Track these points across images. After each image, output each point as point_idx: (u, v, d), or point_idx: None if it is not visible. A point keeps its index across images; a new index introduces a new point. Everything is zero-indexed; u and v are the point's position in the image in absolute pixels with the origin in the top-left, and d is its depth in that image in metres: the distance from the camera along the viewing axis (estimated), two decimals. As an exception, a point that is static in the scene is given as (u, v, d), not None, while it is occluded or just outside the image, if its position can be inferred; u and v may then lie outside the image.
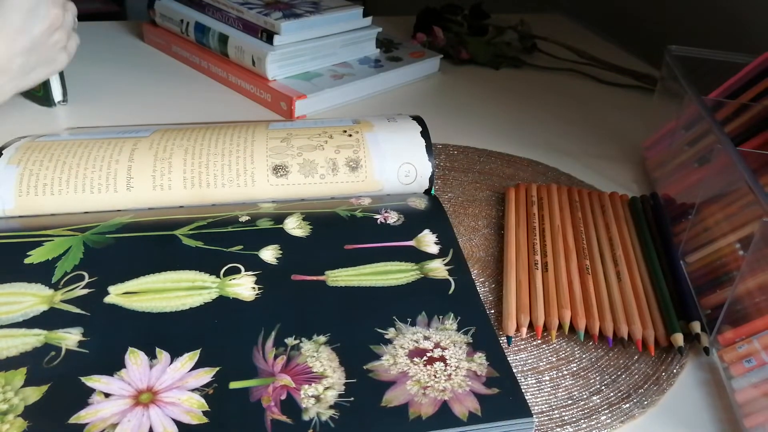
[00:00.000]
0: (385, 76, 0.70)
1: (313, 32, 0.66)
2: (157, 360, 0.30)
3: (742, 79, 0.52)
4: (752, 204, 0.36)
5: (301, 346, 0.32)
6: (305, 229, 0.39)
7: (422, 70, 0.75)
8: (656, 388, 0.35)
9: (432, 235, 0.40)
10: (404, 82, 0.73)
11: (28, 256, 0.36)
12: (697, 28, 0.85)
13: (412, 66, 0.73)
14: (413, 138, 0.44)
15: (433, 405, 0.29)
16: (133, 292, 0.34)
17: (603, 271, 0.42)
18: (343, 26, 0.69)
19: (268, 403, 0.29)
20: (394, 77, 0.72)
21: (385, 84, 0.71)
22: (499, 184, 0.54)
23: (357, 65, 0.71)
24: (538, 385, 0.35)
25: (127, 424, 0.27)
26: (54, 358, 0.30)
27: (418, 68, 0.75)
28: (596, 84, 0.78)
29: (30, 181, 0.40)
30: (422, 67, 0.75)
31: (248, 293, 0.35)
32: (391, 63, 0.72)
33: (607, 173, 0.58)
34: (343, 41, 0.70)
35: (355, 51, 0.72)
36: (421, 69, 0.75)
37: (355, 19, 0.70)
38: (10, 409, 0.28)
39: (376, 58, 0.73)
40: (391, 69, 0.71)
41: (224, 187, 0.42)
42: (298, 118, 0.62)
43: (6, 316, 0.32)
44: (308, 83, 0.65)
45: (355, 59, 0.72)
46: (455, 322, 0.34)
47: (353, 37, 0.71)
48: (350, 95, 0.67)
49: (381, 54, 0.75)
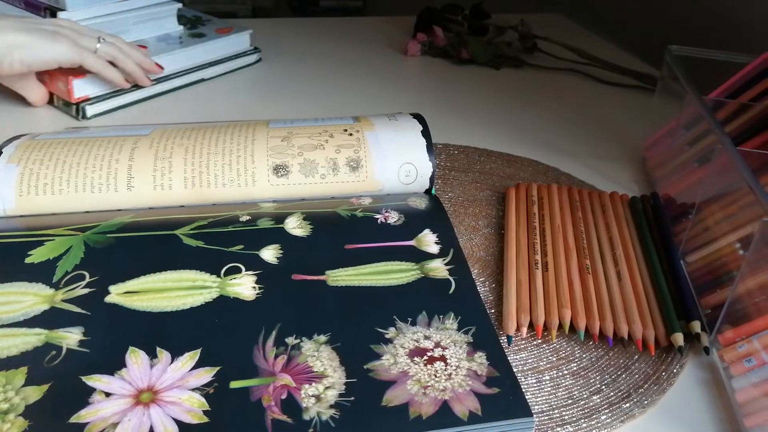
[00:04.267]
0: (184, 52, 0.67)
1: (102, 8, 0.63)
2: (157, 359, 0.30)
3: (743, 79, 0.52)
4: (752, 204, 0.36)
5: (302, 346, 0.32)
6: (306, 228, 0.39)
7: (230, 46, 0.73)
8: (656, 388, 0.35)
9: (432, 234, 0.40)
10: (210, 58, 0.70)
11: (29, 256, 0.36)
12: (697, 28, 0.85)
13: (215, 42, 0.70)
14: (414, 137, 0.44)
15: (433, 404, 0.29)
16: (134, 291, 0.34)
17: (603, 270, 0.42)
18: (139, 1, 0.66)
19: (269, 402, 0.29)
20: (195, 54, 0.68)
21: (187, 60, 0.68)
22: (499, 183, 0.54)
23: (154, 42, 0.68)
24: (539, 385, 0.35)
25: (127, 423, 0.27)
26: (55, 357, 0.30)
27: (225, 44, 0.72)
28: (596, 84, 0.78)
29: (30, 181, 0.40)
30: (229, 42, 0.72)
31: (249, 293, 0.35)
32: (193, 39, 0.69)
33: (607, 173, 0.58)
34: (137, 17, 0.67)
35: (153, 28, 0.69)
36: (228, 45, 0.72)
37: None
38: (11, 408, 0.28)
39: (178, 36, 0.70)
40: (191, 45, 0.68)
41: (225, 187, 0.42)
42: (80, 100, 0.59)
43: (7, 316, 0.32)
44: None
45: (153, 37, 0.69)
46: (455, 321, 0.34)
47: (150, 13, 0.68)
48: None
49: (184, 31, 0.72)
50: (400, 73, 0.77)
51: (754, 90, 0.51)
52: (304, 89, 0.71)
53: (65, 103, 0.60)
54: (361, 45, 0.83)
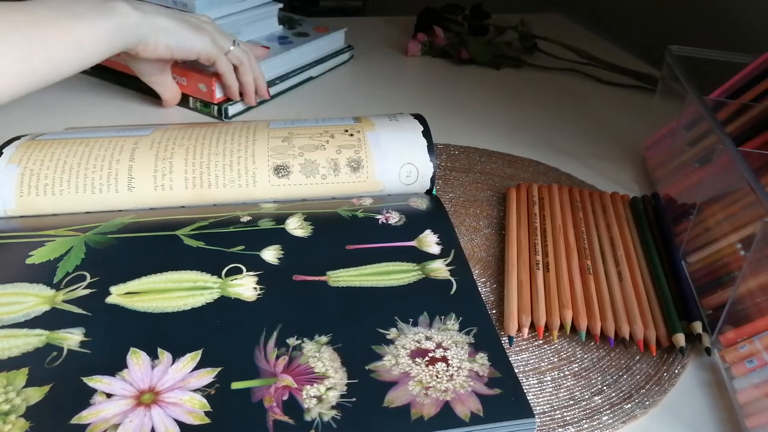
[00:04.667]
0: (297, 51, 0.69)
1: (226, 8, 0.64)
2: (158, 360, 0.30)
3: (743, 79, 0.52)
4: (753, 204, 0.36)
5: (303, 347, 0.32)
6: (307, 229, 0.39)
7: (330, 44, 0.75)
8: (658, 389, 0.35)
9: (433, 235, 0.40)
10: (315, 57, 0.72)
11: (30, 257, 0.36)
12: (697, 28, 0.85)
13: (319, 40, 0.72)
14: (415, 138, 0.44)
15: (435, 405, 0.29)
16: (135, 292, 0.34)
17: (604, 271, 0.42)
18: (253, 1, 0.68)
19: (270, 403, 0.29)
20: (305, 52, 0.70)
21: (299, 60, 0.70)
22: (500, 184, 0.54)
23: (266, 42, 0.69)
24: (540, 386, 0.35)
25: (128, 424, 0.27)
26: (56, 358, 0.30)
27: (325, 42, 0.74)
28: (597, 84, 0.78)
29: (31, 181, 0.40)
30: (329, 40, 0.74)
31: (250, 293, 0.35)
32: (300, 39, 0.71)
33: (607, 173, 0.58)
34: (248, 18, 0.68)
35: (260, 28, 0.70)
36: (328, 43, 0.74)
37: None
38: (12, 409, 0.28)
39: (281, 35, 0.71)
40: (301, 44, 0.70)
41: (226, 188, 0.42)
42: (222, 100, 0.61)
43: (8, 317, 0.32)
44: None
45: (262, 37, 0.70)
46: (457, 322, 0.34)
47: (258, 13, 0.69)
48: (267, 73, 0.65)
49: (286, 30, 0.73)
50: (401, 73, 0.77)
51: (754, 90, 0.51)
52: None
53: (204, 104, 0.61)
54: (361, 45, 0.83)
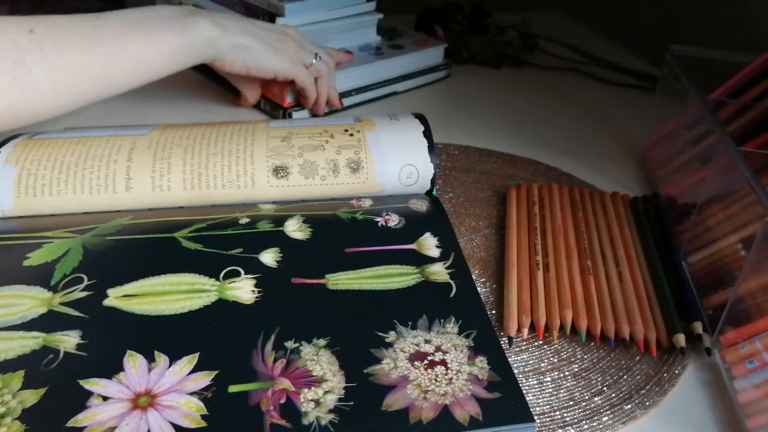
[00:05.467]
0: (385, 63, 0.67)
1: (316, 15, 0.64)
2: (155, 363, 0.30)
3: (744, 79, 0.52)
4: (754, 204, 0.36)
5: (301, 350, 0.31)
6: (306, 231, 0.39)
7: (425, 59, 0.72)
8: (658, 389, 0.35)
9: (433, 238, 0.40)
10: (405, 71, 0.70)
11: (27, 258, 0.36)
12: (698, 28, 0.85)
13: (413, 54, 0.70)
14: (415, 138, 0.44)
15: (433, 409, 0.29)
16: (132, 294, 0.34)
17: (604, 271, 0.42)
18: (347, 10, 0.67)
19: (267, 407, 0.28)
20: (394, 66, 0.68)
21: (384, 72, 0.68)
22: (500, 183, 0.54)
23: (357, 52, 0.68)
24: (540, 386, 0.35)
25: (125, 427, 0.27)
26: (52, 360, 0.30)
27: (420, 57, 0.71)
28: (597, 83, 0.78)
29: (28, 181, 0.40)
30: (425, 56, 0.72)
31: (248, 296, 0.34)
32: (393, 51, 0.69)
33: (608, 173, 0.58)
34: (341, 26, 0.67)
35: (355, 37, 0.69)
36: (423, 58, 0.72)
37: (360, 3, 0.68)
38: (8, 412, 0.28)
39: (377, 46, 0.70)
40: (392, 57, 0.68)
41: (224, 188, 0.41)
42: (290, 105, 0.61)
43: (4, 319, 0.32)
44: None
45: (355, 46, 0.69)
46: (456, 325, 0.33)
47: (353, 22, 0.68)
48: (347, 83, 0.64)
49: (382, 42, 0.72)
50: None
51: (755, 90, 0.51)
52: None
53: (272, 106, 0.62)
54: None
